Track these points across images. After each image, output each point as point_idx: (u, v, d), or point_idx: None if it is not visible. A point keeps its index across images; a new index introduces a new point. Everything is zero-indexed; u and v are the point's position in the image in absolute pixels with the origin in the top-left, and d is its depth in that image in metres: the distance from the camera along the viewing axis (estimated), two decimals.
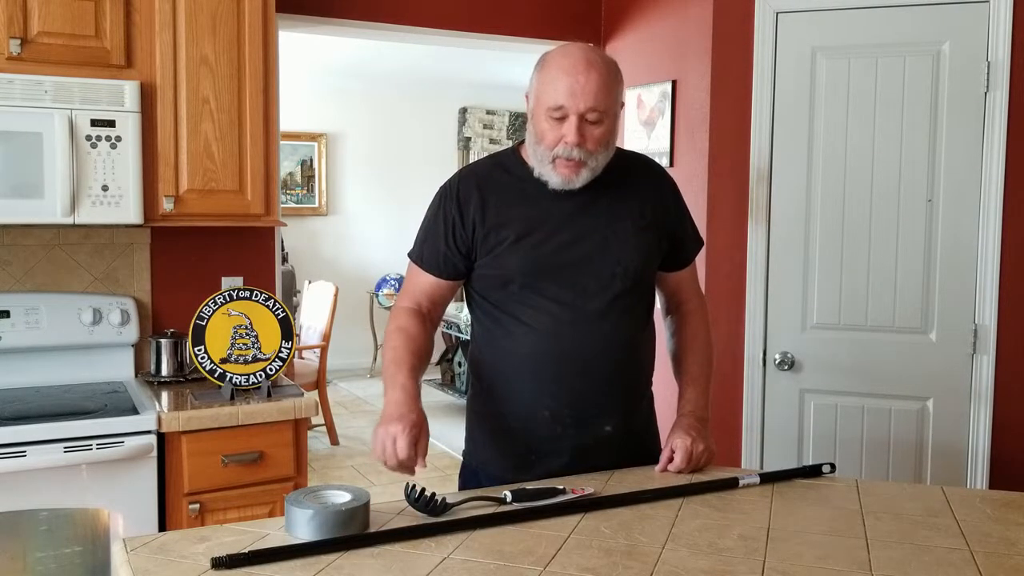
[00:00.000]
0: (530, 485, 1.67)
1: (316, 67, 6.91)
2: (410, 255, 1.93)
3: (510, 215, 1.82)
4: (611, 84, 1.75)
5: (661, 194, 1.93)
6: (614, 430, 1.86)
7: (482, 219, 1.83)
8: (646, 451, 1.93)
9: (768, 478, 1.77)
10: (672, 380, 2.00)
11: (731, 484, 1.74)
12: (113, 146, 2.55)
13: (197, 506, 2.48)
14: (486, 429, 1.92)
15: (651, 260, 1.90)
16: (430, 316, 1.92)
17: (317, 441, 5.72)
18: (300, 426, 2.61)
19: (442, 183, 1.93)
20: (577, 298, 1.80)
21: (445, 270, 1.88)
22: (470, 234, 1.84)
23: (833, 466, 1.85)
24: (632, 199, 1.87)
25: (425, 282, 1.90)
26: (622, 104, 1.85)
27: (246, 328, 2.70)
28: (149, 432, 2.41)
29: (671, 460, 1.82)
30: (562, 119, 1.73)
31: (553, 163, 1.77)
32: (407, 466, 1.65)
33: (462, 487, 1.92)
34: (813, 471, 1.83)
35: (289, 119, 6.35)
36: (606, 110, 1.74)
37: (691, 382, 1.95)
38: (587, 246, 1.81)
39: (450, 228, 1.85)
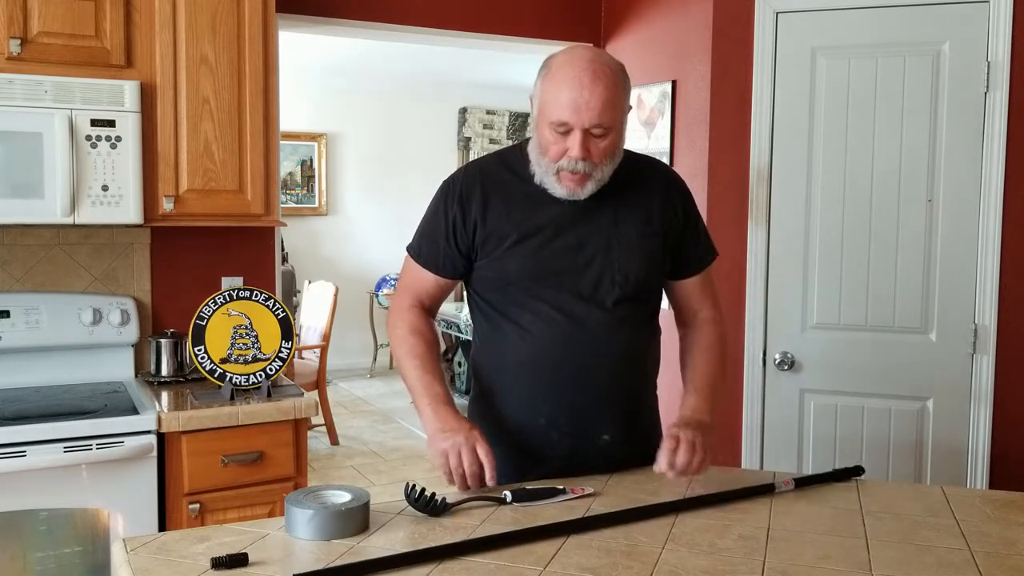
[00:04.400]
0: (530, 485, 1.67)
1: (316, 67, 6.91)
2: (409, 249, 1.90)
3: (512, 217, 1.79)
4: (618, 95, 1.69)
5: (671, 200, 1.88)
6: (612, 439, 1.83)
7: (483, 220, 1.80)
8: (647, 459, 1.92)
9: (802, 482, 1.74)
10: (674, 386, 1.98)
11: (768, 490, 1.69)
12: (113, 146, 2.55)
13: (197, 506, 2.48)
14: (486, 431, 1.88)
15: (655, 268, 1.85)
16: (431, 312, 1.91)
17: (317, 441, 5.72)
18: (300, 426, 2.61)
19: (446, 177, 1.89)
20: (576, 304, 1.77)
21: (444, 268, 1.86)
22: (471, 234, 1.81)
23: (862, 469, 1.81)
24: (639, 205, 1.83)
25: (424, 279, 1.88)
26: (629, 107, 1.79)
27: (246, 328, 2.70)
28: (149, 432, 2.41)
29: (674, 453, 1.66)
30: (566, 133, 1.68)
31: (557, 175, 1.73)
32: (478, 478, 1.65)
33: None
34: (845, 475, 1.78)
35: (289, 119, 6.34)
36: (612, 123, 1.68)
37: (693, 390, 1.85)
38: (588, 252, 1.78)
39: (451, 227, 1.82)
